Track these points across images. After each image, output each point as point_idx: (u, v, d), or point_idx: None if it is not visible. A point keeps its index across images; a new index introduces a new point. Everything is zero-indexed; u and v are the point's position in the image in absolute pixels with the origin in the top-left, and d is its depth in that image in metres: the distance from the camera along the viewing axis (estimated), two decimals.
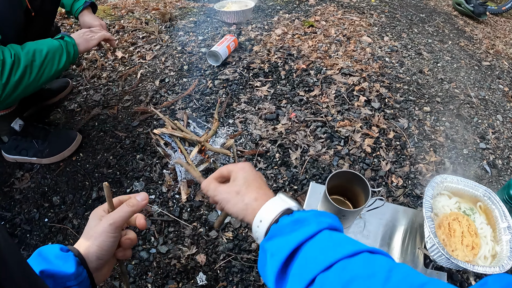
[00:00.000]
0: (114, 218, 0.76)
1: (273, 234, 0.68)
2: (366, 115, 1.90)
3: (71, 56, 1.45)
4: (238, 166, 0.85)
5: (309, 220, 0.67)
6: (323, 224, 0.67)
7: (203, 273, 1.27)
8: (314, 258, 0.62)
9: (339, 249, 0.62)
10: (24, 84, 1.29)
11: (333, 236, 0.66)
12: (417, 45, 2.79)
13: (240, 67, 2.21)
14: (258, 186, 0.80)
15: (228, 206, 0.78)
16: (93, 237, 0.75)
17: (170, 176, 1.57)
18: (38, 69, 1.32)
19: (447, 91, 2.28)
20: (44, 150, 1.67)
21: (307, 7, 3.16)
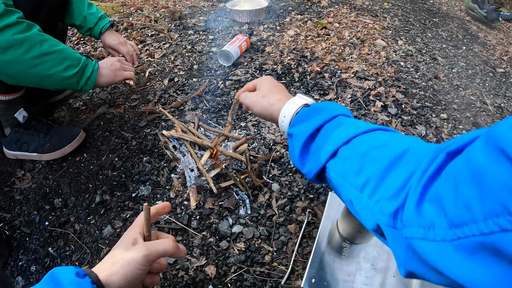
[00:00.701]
0: (151, 250, 0.71)
1: (295, 122, 0.80)
2: (383, 121, 1.83)
3: (82, 78, 1.39)
4: (261, 78, 1.01)
5: (325, 108, 0.77)
6: (338, 111, 0.76)
7: (212, 286, 1.20)
8: (335, 135, 0.71)
9: (355, 128, 0.70)
10: (13, 54, 1.20)
11: (349, 119, 0.75)
12: (432, 50, 2.73)
13: (252, 68, 2.14)
14: (279, 91, 0.94)
15: (256, 107, 0.93)
16: (119, 264, 0.68)
17: (178, 181, 1.50)
18: (37, 54, 1.24)
19: (463, 98, 2.22)
20: (45, 145, 1.60)
21: (319, 8, 3.11)
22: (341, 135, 0.70)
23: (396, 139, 0.64)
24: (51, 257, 1.34)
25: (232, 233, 1.33)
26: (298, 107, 0.83)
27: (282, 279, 1.18)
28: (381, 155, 0.61)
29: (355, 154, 0.66)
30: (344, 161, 0.67)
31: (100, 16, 1.72)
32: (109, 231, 1.37)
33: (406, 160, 0.57)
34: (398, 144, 0.61)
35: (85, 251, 1.33)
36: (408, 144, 0.60)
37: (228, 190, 1.47)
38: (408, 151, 0.58)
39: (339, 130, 0.71)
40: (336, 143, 0.69)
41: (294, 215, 1.39)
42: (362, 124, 0.71)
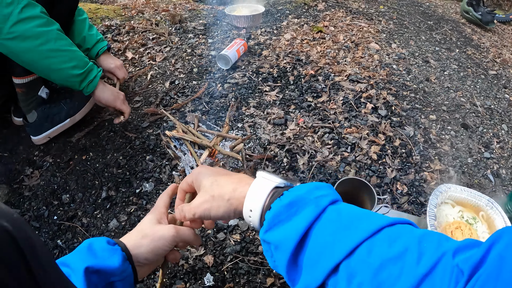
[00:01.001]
0: (179, 234, 0.79)
1: (270, 224, 0.61)
2: (373, 123, 1.92)
3: (85, 80, 1.52)
4: (193, 175, 0.79)
5: (305, 200, 0.60)
6: (324, 201, 0.60)
7: (210, 274, 1.29)
8: (330, 244, 0.56)
9: (356, 229, 0.56)
10: (31, 43, 1.33)
11: (342, 213, 0.60)
12: (425, 52, 2.81)
13: (250, 71, 2.23)
14: (228, 178, 0.73)
15: (213, 214, 0.71)
16: (149, 238, 0.76)
17: (179, 178, 1.60)
18: (51, 48, 1.38)
19: (453, 100, 2.30)
20: (74, 107, 1.75)
21: (316, 12, 3.18)
22: (340, 244, 0.55)
23: (413, 242, 0.52)
24: (60, 249, 1.42)
25: (229, 225, 1.43)
26: (267, 198, 0.64)
27: None
28: (401, 273, 0.50)
29: (365, 271, 0.52)
30: (349, 280, 0.53)
31: (99, 39, 1.86)
32: (114, 224, 1.46)
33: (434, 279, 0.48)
34: (419, 250, 0.51)
35: None
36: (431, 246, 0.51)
37: None
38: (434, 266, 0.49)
39: (335, 235, 0.57)
40: (335, 257, 0.55)
41: None
42: (362, 219, 0.58)
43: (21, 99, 1.67)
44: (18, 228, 0.42)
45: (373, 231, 0.55)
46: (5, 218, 0.41)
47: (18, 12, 1.27)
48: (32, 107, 1.69)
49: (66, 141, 1.77)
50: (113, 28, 2.66)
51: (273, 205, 0.61)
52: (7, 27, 1.27)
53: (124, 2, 3.34)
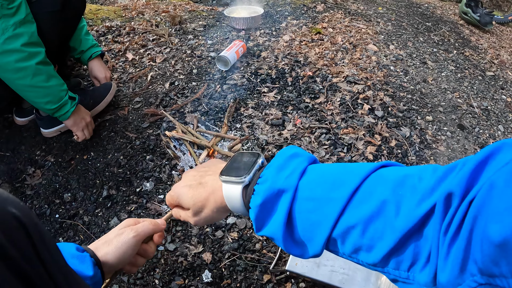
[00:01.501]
0: (138, 232, 0.81)
1: (258, 225, 0.62)
2: (369, 123, 1.94)
3: (57, 113, 1.58)
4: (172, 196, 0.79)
5: (275, 189, 0.59)
6: (292, 181, 0.59)
7: (208, 270, 1.33)
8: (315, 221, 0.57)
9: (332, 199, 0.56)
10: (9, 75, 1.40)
11: (314, 186, 0.59)
12: (422, 54, 2.82)
13: (248, 72, 2.26)
14: (203, 190, 0.72)
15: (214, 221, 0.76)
16: (113, 245, 0.79)
17: (179, 177, 1.63)
18: (27, 84, 1.45)
19: (450, 101, 2.32)
20: (89, 103, 1.80)
21: (314, 13, 3.20)
22: (325, 216, 0.56)
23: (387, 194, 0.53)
24: None
25: (227, 223, 1.46)
26: (241, 200, 0.65)
27: (271, 264, 1.31)
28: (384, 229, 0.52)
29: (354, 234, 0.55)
30: (343, 241, 0.57)
31: (94, 44, 1.92)
32: (115, 222, 1.49)
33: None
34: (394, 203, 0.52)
35: (93, 240, 1.44)
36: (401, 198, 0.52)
37: None
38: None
39: (316, 210, 0.57)
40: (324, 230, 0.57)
41: None
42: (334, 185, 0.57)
43: None
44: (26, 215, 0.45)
45: (351, 193, 0.55)
46: (14, 206, 0.44)
47: (1, 43, 1.32)
48: None
49: (67, 141, 1.80)
50: (114, 29, 2.68)
51: (251, 205, 0.62)
52: None
53: (125, 3, 3.37)
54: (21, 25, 1.36)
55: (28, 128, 1.88)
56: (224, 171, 0.69)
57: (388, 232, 0.51)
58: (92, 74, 1.94)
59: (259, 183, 0.62)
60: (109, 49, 2.46)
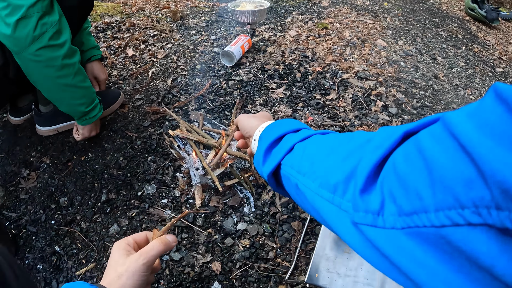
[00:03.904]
0: (147, 258, 0.75)
1: (263, 134, 0.83)
2: (384, 121, 1.85)
3: (85, 116, 1.55)
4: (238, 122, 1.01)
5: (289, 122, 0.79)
6: (301, 125, 0.78)
7: (218, 282, 1.22)
8: (294, 137, 0.72)
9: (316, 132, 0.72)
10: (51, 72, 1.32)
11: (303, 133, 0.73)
12: (432, 50, 2.76)
13: (255, 68, 2.16)
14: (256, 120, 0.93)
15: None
16: (125, 277, 0.72)
17: (183, 179, 1.52)
18: (67, 84, 1.39)
19: (463, 98, 2.25)
20: None
21: (320, 8, 3.13)
22: (299, 135, 0.71)
23: (362, 133, 0.58)
24: (57, 255, 1.36)
25: (237, 230, 1.36)
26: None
27: (286, 274, 1.21)
28: (340, 146, 0.59)
29: (312, 146, 0.66)
30: (300, 155, 0.68)
31: (95, 46, 1.85)
32: (115, 229, 1.39)
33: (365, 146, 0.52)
34: (362, 135, 0.56)
35: (91, 249, 1.35)
36: (373, 134, 0.54)
37: (232, 189, 1.49)
38: (372, 137, 0.52)
39: (298, 134, 0.73)
40: (292, 141, 0.71)
41: (297, 212, 1.41)
42: (317, 132, 0.72)
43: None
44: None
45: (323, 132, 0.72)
46: None
47: (49, 37, 1.25)
48: (49, 102, 1.67)
49: (64, 141, 1.71)
50: (113, 25, 2.60)
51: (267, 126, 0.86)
52: (35, 47, 1.23)
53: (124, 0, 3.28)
54: (63, 20, 1.33)
55: (23, 128, 1.79)
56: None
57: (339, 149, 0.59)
58: (92, 74, 1.85)
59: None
60: (108, 45, 2.37)
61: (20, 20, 1.18)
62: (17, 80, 1.46)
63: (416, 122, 0.45)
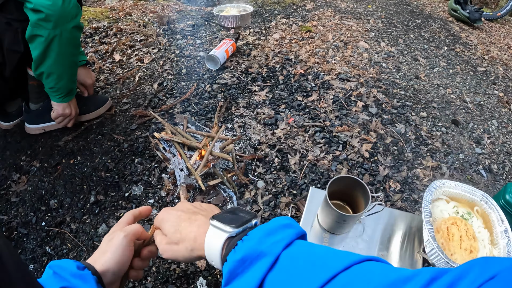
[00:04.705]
0: (127, 230, 0.79)
1: (228, 279, 0.60)
2: (364, 121, 1.91)
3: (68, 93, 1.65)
4: (159, 217, 0.79)
5: (258, 251, 0.59)
6: (277, 248, 0.59)
7: (203, 278, 1.27)
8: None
9: (309, 279, 0.54)
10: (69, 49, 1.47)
11: (296, 259, 0.58)
12: (413, 50, 2.81)
13: (239, 71, 2.21)
14: (188, 224, 0.73)
15: (180, 259, 0.72)
16: (109, 252, 0.76)
17: (169, 180, 1.57)
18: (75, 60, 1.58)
19: (443, 97, 2.30)
20: (81, 108, 1.79)
21: (304, 12, 3.18)
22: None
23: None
24: (48, 256, 1.39)
25: None
26: (221, 249, 0.63)
27: None
28: None
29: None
30: None
31: (80, 51, 1.88)
32: (104, 229, 1.43)
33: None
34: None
35: (81, 248, 1.39)
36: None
37: (216, 188, 1.54)
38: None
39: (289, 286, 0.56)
40: None
41: (279, 210, 1.47)
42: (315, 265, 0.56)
43: (34, 91, 1.69)
44: None
45: (328, 278, 0.52)
46: None
47: (80, 19, 1.41)
48: (42, 100, 1.72)
49: (53, 145, 1.74)
50: (101, 30, 2.63)
51: (228, 258, 0.60)
52: (71, 25, 1.38)
53: (112, 4, 3.32)
54: None
55: (12, 133, 1.83)
56: (216, 216, 0.68)
57: None
58: (78, 81, 1.87)
59: (243, 240, 0.61)
60: (96, 50, 2.41)
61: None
62: (10, 79, 1.50)
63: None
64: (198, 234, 0.69)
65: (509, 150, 1.99)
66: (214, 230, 0.65)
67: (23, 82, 1.65)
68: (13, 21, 1.35)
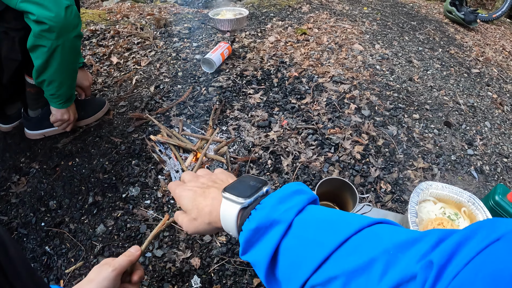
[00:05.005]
0: (115, 265, 0.82)
1: (244, 248, 0.62)
2: (356, 123, 1.94)
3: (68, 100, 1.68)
4: (176, 193, 0.79)
5: (271, 219, 0.60)
6: (289, 215, 0.60)
7: (197, 276, 1.31)
8: (299, 260, 0.57)
9: (322, 243, 0.56)
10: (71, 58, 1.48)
11: (308, 224, 0.59)
12: (408, 53, 2.84)
13: (234, 74, 2.25)
14: (203, 199, 0.73)
15: (202, 232, 0.74)
16: (95, 282, 0.79)
17: (165, 181, 1.61)
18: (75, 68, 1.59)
19: (436, 99, 2.33)
20: (80, 113, 1.82)
21: (300, 14, 3.20)
22: (307, 260, 0.56)
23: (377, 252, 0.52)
24: (48, 255, 1.42)
25: None
26: (236, 220, 0.65)
27: None
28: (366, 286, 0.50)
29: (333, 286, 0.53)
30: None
31: None
32: (102, 229, 1.47)
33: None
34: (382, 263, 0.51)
35: (80, 248, 1.42)
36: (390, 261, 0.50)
37: None
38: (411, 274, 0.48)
39: (303, 251, 0.57)
40: (303, 273, 0.56)
41: None
42: (327, 229, 0.58)
43: (32, 98, 1.72)
44: None
45: (340, 242, 0.54)
46: None
47: (81, 28, 1.43)
48: (40, 106, 1.75)
49: (52, 147, 1.78)
50: (98, 33, 2.66)
51: (243, 228, 0.62)
52: (73, 34, 1.40)
53: (110, 6, 3.35)
54: None
55: (12, 135, 1.85)
56: (228, 188, 0.69)
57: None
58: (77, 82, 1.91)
59: (257, 209, 0.62)
60: (93, 53, 2.44)
61: (68, 7, 1.33)
62: (8, 86, 1.54)
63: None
64: (213, 207, 0.70)
65: (501, 151, 2.02)
66: (227, 203, 0.67)
67: (21, 88, 1.68)
68: (10, 30, 1.38)
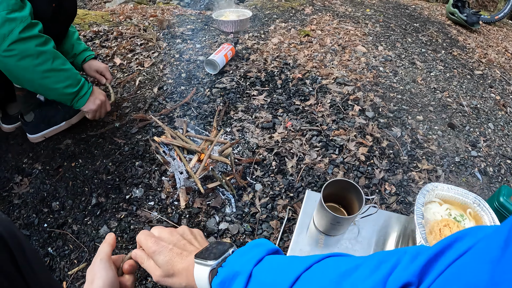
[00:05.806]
0: (99, 254, 0.81)
1: None
2: (361, 124, 1.94)
3: (76, 97, 1.59)
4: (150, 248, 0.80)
5: (234, 272, 0.67)
6: (248, 266, 0.66)
7: None
8: None
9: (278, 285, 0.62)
10: (28, 63, 1.37)
11: (265, 273, 0.65)
12: (411, 54, 2.84)
13: (237, 75, 2.25)
14: (179, 259, 0.77)
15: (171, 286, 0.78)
16: (96, 278, 0.78)
17: (169, 183, 1.60)
18: (47, 69, 1.42)
19: (440, 100, 2.33)
20: (70, 111, 1.80)
21: (303, 16, 3.20)
22: None
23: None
24: (50, 256, 1.41)
25: (219, 229, 1.44)
26: (208, 280, 0.70)
27: None
28: None
29: None
30: None
31: (87, 48, 1.93)
32: (105, 231, 1.46)
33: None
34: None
35: (83, 249, 1.42)
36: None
37: (214, 191, 1.57)
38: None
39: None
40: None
41: (276, 212, 1.50)
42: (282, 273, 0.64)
43: (21, 101, 1.71)
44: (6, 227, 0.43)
45: (293, 280, 0.60)
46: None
47: (20, 31, 1.31)
48: (31, 109, 1.73)
49: (55, 148, 1.77)
50: (101, 34, 2.66)
51: (212, 284, 0.69)
52: (6, 44, 1.29)
53: (112, 8, 3.34)
54: (33, 16, 1.40)
55: (15, 136, 1.85)
56: (199, 255, 0.75)
57: None
58: (92, 69, 1.92)
59: (223, 266, 0.70)
60: (96, 54, 2.44)
61: None
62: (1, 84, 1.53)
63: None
64: (188, 271, 0.75)
65: (505, 153, 2.02)
66: (199, 267, 0.72)
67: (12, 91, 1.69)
68: None
